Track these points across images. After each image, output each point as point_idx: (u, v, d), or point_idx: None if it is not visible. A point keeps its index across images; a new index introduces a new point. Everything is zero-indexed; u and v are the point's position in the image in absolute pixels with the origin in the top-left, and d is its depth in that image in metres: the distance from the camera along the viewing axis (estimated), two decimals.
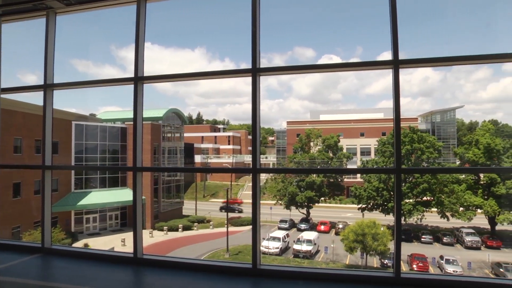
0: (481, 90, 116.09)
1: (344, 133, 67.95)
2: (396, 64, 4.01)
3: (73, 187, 45.28)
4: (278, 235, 40.75)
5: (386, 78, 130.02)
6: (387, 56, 4.37)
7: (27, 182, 37.53)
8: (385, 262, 35.44)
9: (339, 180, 56.01)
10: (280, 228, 47.58)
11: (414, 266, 34.22)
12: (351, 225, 38.45)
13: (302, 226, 48.52)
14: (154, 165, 51.51)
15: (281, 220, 50.68)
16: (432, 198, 44.92)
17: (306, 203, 52.37)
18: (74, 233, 42.99)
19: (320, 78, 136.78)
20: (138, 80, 4.83)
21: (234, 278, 4.23)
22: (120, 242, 40.73)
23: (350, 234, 35.23)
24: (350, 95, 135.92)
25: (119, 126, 50.93)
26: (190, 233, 48.03)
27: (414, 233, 44.48)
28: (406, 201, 44.67)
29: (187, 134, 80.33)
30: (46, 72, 5.31)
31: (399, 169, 4.02)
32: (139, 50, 4.83)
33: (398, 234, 4.08)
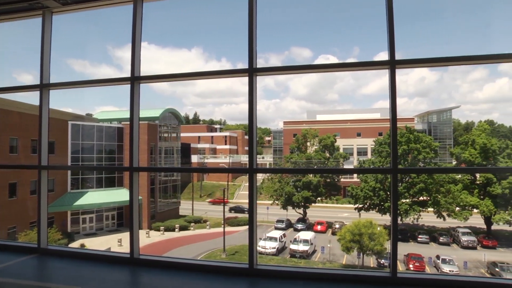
0: (477, 91, 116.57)
1: (340, 133, 67.99)
2: (392, 64, 4.02)
3: (69, 187, 45.11)
4: (275, 235, 40.74)
5: (383, 78, 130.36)
6: (384, 56, 4.39)
7: (23, 182, 37.39)
8: (381, 262, 35.49)
9: (336, 180, 56.10)
10: (276, 228, 47.54)
11: (411, 265, 34.28)
12: (348, 225, 38.50)
13: (299, 226, 48.51)
14: (150, 165, 51.42)
15: (277, 220, 50.66)
16: (428, 198, 45.01)
17: (302, 203, 52.39)
18: (71, 233, 42.83)
19: (316, 78, 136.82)
20: (135, 80, 4.82)
21: (231, 278, 4.23)
22: (116, 243, 40.61)
23: (346, 234, 35.27)
24: (346, 95, 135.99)
25: (116, 126, 50.79)
26: (187, 233, 47.96)
27: (411, 232, 44.57)
28: (403, 201, 44.72)
29: (184, 134, 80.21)
30: (43, 71, 5.30)
31: (396, 169, 4.03)
32: (136, 50, 4.83)
33: (394, 234, 4.09)
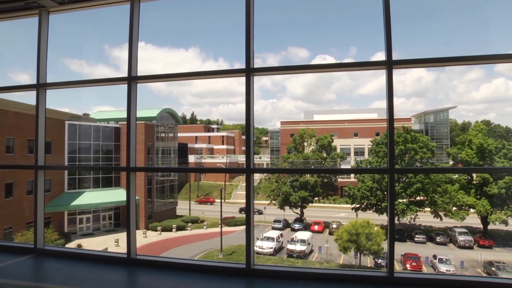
0: (473, 91, 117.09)
1: (338, 133, 68.08)
2: (389, 64, 4.02)
3: (66, 187, 45.01)
4: (272, 235, 40.75)
5: (380, 78, 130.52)
6: (381, 56, 4.39)
7: (20, 182, 37.28)
8: (378, 262, 35.56)
9: (333, 180, 56.13)
10: (274, 228, 47.59)
11: (408, 265, 34.35)
12: (345, 225, 38.54)
13: (296, 226, 48.55)
14: (147, 165, 51.34)
15: (275, 220, 50.71)
16: (425, 198, 45.14)
17: (300, 203, 52.45)
18: (67, 233, 42.74)
19: (314, 78, 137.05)
20: (132, 79, 4.81)
21: (228, 278, 4.23)
22: (113, 243, 40.54)
23: (344, 234, 35.31)
24: (344, 95, 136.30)
25: (113, 126, 50.71)
26: (184, 233, 47.93)
27: (408, 232, 44.68)
28: (400, 201, 44.87)
29: (181, 134, 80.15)
30: (39, 71, 5.27)
31: (393, 169, 4.03)
32: (133, 50, 4.81)
33: (391, 233, 4.10)
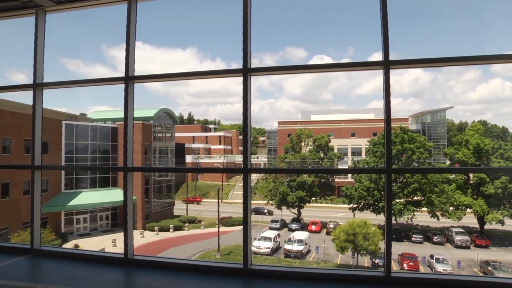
0: (470, 91, 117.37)
1: (335, 133, 68.12)
2: (386, 64, 4.03)
3: (63, 188, 44.87)
4: (269, 235, 40.76)
5: (377, 78, 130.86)
6: (378, 57, 4.40)
7: (16, 183, 37.16)
8: (376, 262, 35.60)
9: (330, 180, 56.20)
10: (271, 228, 47.53)
11: (405, 265, 34.40)
12: (342, 225, 38.59)
13: (293, 226, 48.56)
14: (145, 165, 51.27)
15: (272, 220, 50.73)
16: (422, 198, 45.23)
17: (297, 203, 52.46)
18: (64, 233, 42.61)
19: (311, 78, 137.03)
20: (129, 79, 4.80)
21: (225, 278, 4.23)
22: (111, 243, 40.44)
23: (341, 234, 35.34)
24: (341, 96, 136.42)
25: (110, 126, 50.58)
26: (181, 233, 47.86)
27: (405, 232, 44.74)
28: (397, 201, 44.90)
29: (178, 134, 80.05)
30: (36, 71, 5.26)
31: (390, 169, 4.04)
32: (130, 50, 4.81)
33: (388, 233, 4.10)
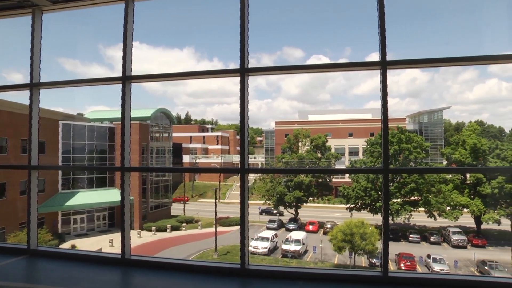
0: (467, 91, 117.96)
1: (332, 133, 68.17)
2: (384, 65, 4.03)
3: (60, 188, 44.77)
4: (267, 235, 40.75)
5: (374, 79, 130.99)
6: (375, 57, 4.40)
7: (13, 183, 37.01)
8: (373, 262, 35.67)
9: (328, 180, 56.22)
10: (268, 228, 47.54)
11: (402, 265, 34.46)
12: (340, 224, 38.62)
13: (291, 226, 48.55)
14: (142, 165, 51.18)
15: (269, 220, 50.74)
16: (419, 198, 45.33)
17: (294, 203, 52.47)
18: (61, 234, 42.51)
19: (308, 78, 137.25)
20: (126, 79, 4.79)
21: (223, 278, 4.23)
22: (108, 243, 40.36)
23: (338, 233, 35.36)
24: (338, 96, 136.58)
25: (107, 125, 50.50)
26: (179, 233, 47.81)
27: (402, 232, 44.83)
28: (394, 200, 45.00)
29: (176, 134, 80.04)
30: (33, 70, 5.24)
31: (387, 169, 4.04)
32: (127, 49, 4.80)
33: (385, 233, 4.11)
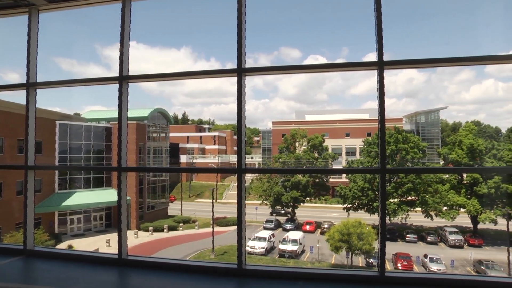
0: (464, 92, 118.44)
1: (329, 133, 68.28)
2: (381, 65, 4.04)
3: (57, 188, 44.62)
4: (264, 235, 40.75)
5: (371, 79, 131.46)
6: (373, 57, 4.41)
7: (9, 183, 36.88)
8: (370, 261, 35.70)
9: (325, 180, 56.27)
10: (265, 228, 47.54)
11: (399, 265, 34.52)
12: (337, 224, 38.65)
13: (288, 226, 48.57)
14: (139, 165, 51.10)
15: (266, 220, 50.73)
16: (416, 198, 45.44)
17: (291, 203, 52.50)
18: (58, 234, 42.35)
19: (305, 78, 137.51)
20: (123, 79, 4.78)
21: (220, 278, 4.22)
22: (104, 243, 40.27)
23: (335, 233, 35.39)
24: (335, 96, 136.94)
25: (104, 125, 50.38)
26: (176, 233, 47.74)
27: (399, 232, 44.92)
28: (391, 200, 45.09)
29: (173, 134, 79.93)
30: (29, 70, 5.23)
31: (384, 169, 4.05)
32: (124, 49, 4.79)
33: (383, 233, 4.11)
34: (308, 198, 53.88)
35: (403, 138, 48.01)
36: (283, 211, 56.14)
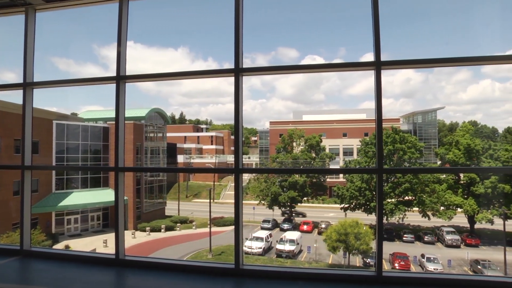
0: (461, 92, 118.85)
1: (327, 133, 68.33)
2: (378, 65, 4.04)
3: (54, 188, 44.53)
4: (261, 235, 40.76)
5: (369, 79, 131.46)
6: (370, 57, 4.41)
7: (6, 183, 36.76)
8: (367, 261, 35.77)
9: (322, 180, 56.35)
10: (263, 228, 47.53)
11: (396, 264, 34.58)
12: (334, 224, 38.69)
13: (285, 226, 48.59)
14: (136, 165, 51.04)
15: (264, 220, 50.67)
16: (413, 198, 45.53)
17: (289, 203, 52.51)
18: (55, 234, 42.27)
19: (303, 78, 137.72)
20: (120, 79, 4.77)
21: (217, 278, 4.22)
22: (102, 243, 40.17)
23: (332, 233, 35.42)
24: (333, 96, 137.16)
25: (101, 125, 50.32)
26: (173, 233, 47.71)
27: (396, 232, 45.02)
28: (388, 200, 45.17)
29: (170, 134, 79.86)
30: (26, 70, 5.20)
31: (381, 169, 4.05)
32: (121, 49, 4.77)
33: (380, 233, 4.12)
34: (305, 198, 53.92)
35: (400, 138, 48.08)
36: (300, 214, 55.80)
